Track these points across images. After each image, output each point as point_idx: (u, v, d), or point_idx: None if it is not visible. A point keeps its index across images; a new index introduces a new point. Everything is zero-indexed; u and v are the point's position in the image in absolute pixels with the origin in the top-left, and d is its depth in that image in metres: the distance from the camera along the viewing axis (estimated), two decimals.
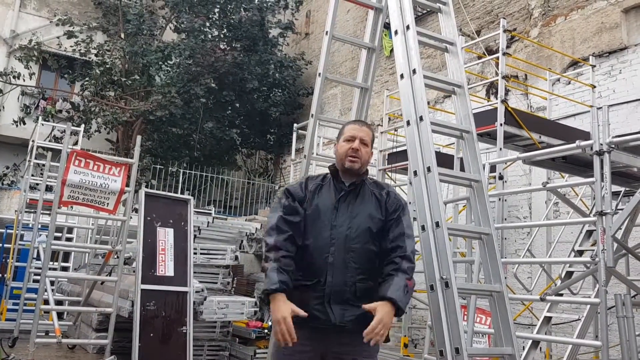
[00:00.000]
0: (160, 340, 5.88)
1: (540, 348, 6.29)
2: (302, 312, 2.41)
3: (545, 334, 5.42)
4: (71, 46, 13.60)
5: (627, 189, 5.54)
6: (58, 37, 13.98)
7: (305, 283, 2.53)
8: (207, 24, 14.44)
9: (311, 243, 2.57)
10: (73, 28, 13.57)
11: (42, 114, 13.40)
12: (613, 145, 4.25)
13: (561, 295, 5.42)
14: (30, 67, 13.38)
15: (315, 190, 2.68)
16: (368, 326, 2.37)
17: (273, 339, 2.57)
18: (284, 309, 2.38)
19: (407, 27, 3.64)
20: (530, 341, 5.23)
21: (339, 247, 2.54)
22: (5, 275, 8.59)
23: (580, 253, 5.54)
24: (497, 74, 6.50)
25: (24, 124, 13.37)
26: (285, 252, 2.50)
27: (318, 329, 2.51)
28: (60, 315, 8.02)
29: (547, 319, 5.33)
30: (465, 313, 5.09)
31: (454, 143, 7.20)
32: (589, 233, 5.61)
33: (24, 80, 13.05)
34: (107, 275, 6.92)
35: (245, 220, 10.88)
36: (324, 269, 2.52)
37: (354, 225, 2.58)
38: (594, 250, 4.92)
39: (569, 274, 5.49)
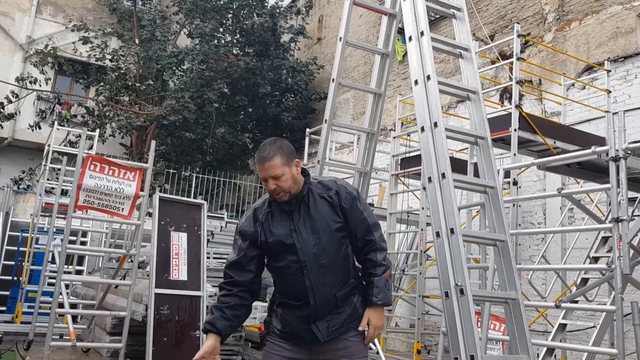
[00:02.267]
0: (173, 344, 5.91)
1: (555, 355, 6.23)
2: (215, 355, 2.68)
3: (560, 341, 5.37)
4: (86, 51, 13.76)
5: None
6: (73, 43, 14.15)
7: (291, 302, 2.60)
8: (220, 30, 14.53)
9: (283, 271, 2.60)
10: (88, 34, 13.74)
11: (57, 119, 13.55)
12: (629, 151, 4.21)
13: (576, 302, 5.37)
14: (46, 72, 13.54)
15: (266, 219, 2.64)
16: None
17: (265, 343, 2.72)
18: (202, 348, 2.66)
19: (422, 33, 3.64)
20: (545, 348, 5.18)
21: (311, 268, 2.54)
22: (20, 278, 8.68)
23: (595, 260, 5.49)
24: (511, 79, 6.47)
25: (40, 128, 13.52)
26: (226, 291, 2.65)
27: (303, 342, 2.61)
28: (74, 319, 8.08)
29: (562, 326, 5.28)
30: (479, 320, 5.06)
31: (467, 148, 7.18)
32: (605, 239, 5.56)
33: (39, 85, 13.21)
34: (121, 279, 6.96)
35: None
36: (304, 292, 2.55)
37: (318, 241, 2.56)
38: (609, 257, 4.88)
39: (584, 281, 5.44)
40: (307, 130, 10.85)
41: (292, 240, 2.56)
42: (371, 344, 7.04)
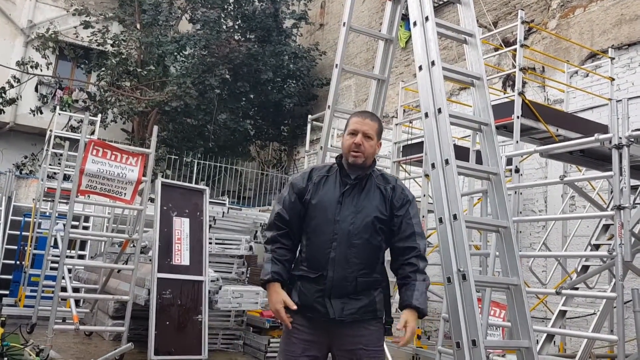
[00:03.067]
0: (176, 328, 5.95)
1: (555, 342, 6.29)
2: (291, 304, 2.53)
3: (560, 327, 5.41)
4: (87, 36, 13.69)
5: None
6: (75, 27, 14.07)
7: (310, 275, 2.59)
8: (222, 15, 14.45)
9: (314, 237, 2.61)
10: (89, 18, 13.66)
11: (59, 104, 13.52)
12: (632, 139, 4.20)
13: (577, 289, 5.40)
14: (47, 56, 13.49)
15: (319, 181, 2.68)
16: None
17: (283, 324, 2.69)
18: (275, 299, 2.55)
19: (426, 19, 3.62)
20: (544, 335, 5.22)
21: (341, 242, 2.55)
22: (23, 262, 8.72)
23: (596, 247, 5.51)
24: (514, 66, 6.44)
25: (41, 113, 13.50)
26: (280, 244, 2.63)
27: (320, 320, 2.58)
28: (77, 303, 8.12)
29: (562, 313, 5.32)
30: (480, 306, 5.09)
31: (469, 135, 7.17)
32: (606, 227, 5.58)
33: (41, 70, 13.17)
34: (123, 264, 7.00)
35: (259, 210, 10.92)
36: (325, 264, 2.55)
37: (357, 220, 2.58)
38: (610, 244, 4.89)
39: (585, 268, 5.46)
40: (309, 116, 10.83)
41: (333, 210, 2.59)
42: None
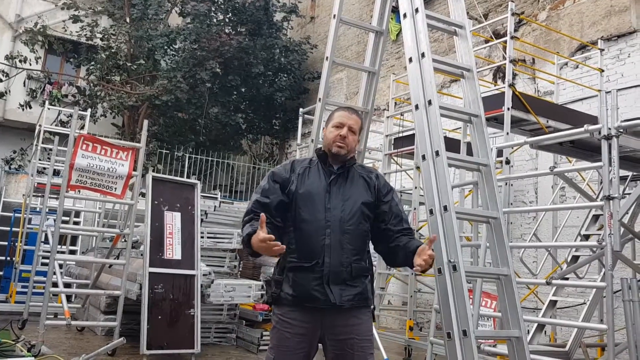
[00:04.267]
0: (168, 323, 5.94)
1: (545, 332, 6.34)
2: (271, 237, 2.35)
3: (551, 317, 5.45)
4: (77, 31, 13.58)
5: (634, 173, 5.54)
6: (63, 21, 13.96)
7: (303, 265, 2.58)
8: (213, 8, 14.37)
9: (306, 225, 2.61)
10: (78, 12, 13.54)
11: (48, 98, 13.42)
12: (621, 130, 4.23)
13: (567, 279, 5.44)
14: (36, 51, 13.38)
15: (303, 172, 2.71)
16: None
17: (273, 320, 2.67)
18: (256, 239, 2.37)
19: (416, 10, 3.62)
20: (535, 324, 5.27)
21: (334, 229, 2.59)
22: (14, 258, 8.68)
23: (586, 237, 5.56)
24: (504, 58, 6.45)
25: (30, 108, 13.40)
26: (256, 218, 2.54)
27: (315, 310, 2.56)
28: (68, 298, 8.11)
29: (553, 303, 5.37)
30: (471, 297, 5.13)
31: (460, 128, 7.19)
32: (596, 217, 5.62)
33: (29, 64, 13.06)
34: (115, 259, 6.98)
35: None
36: (320, 251, 2.56)
37: (347, 207, 2.64)
38: (600, 234, 4.94)
39: (575, 258, 5.51)
40: (301, 110, 10.81)
41: (322, 199, 2.63)
42: None
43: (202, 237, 6.85)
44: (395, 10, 6.41)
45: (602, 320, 5.58)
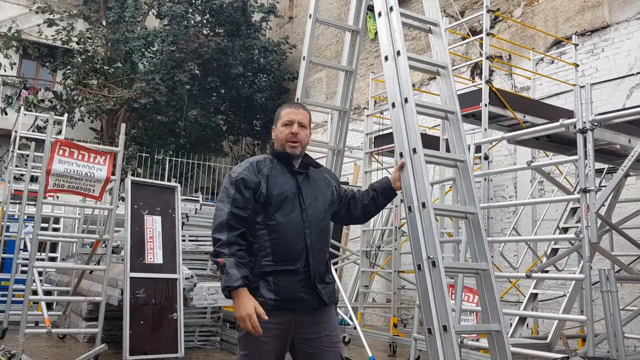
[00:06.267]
0: (151, 328, 5.90)
1: (527, 324, 6.40)
2: (263, 313, 2.41)
3: (532, 310, 5.51)
4: (52, 35, 13.40)
5: (610, 166, 5.61)
6: (38, 25, 13.78)
7: (288, 268, 2.52)
8: (190, 10, 14.28)
9: (283, 227, 2.55)
10: (53, 16, 13.38)
11: (24, 104, 13.24)
12: (596, 123, 4.28)
13: (547, 272, 5.50)
14: (10, 56, 13.17)
15: (270, 173, 2.63)
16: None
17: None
18: (249, 306, 2.40)
19: (391, 9, 3.62)
20: (517, 317, 5.32)
21: (313, 229, 2.59)
22: None
23: (565, 230, 5.62)
24: (481, 55, 6.51)
25: (6, 114, 13.20)
26: (239, 247, 2.49)
27: (289, 310, 2.53)
28: (49, 306, 8.00)
29: (534, 296, 5.42)
30: (453, 292, 5.16)
31: (439, 125, 7.23)
32: (574, 210, 5.69)
33: (4, 70, 12.86)
34: (95, 265, 6.89)
35: None
36: (302, 252, 2.54)
37: (319, 206, 2.67)
38: (578, 227, 5.00)
39: (555, 251, 5.57)
40: None
41: (296, 199, 2.60)
42: (349, 320, 7.13)
43: (183, 241, 6.81)
44: (371, 9, 6.43)
45: (582, 312, 5.66)
